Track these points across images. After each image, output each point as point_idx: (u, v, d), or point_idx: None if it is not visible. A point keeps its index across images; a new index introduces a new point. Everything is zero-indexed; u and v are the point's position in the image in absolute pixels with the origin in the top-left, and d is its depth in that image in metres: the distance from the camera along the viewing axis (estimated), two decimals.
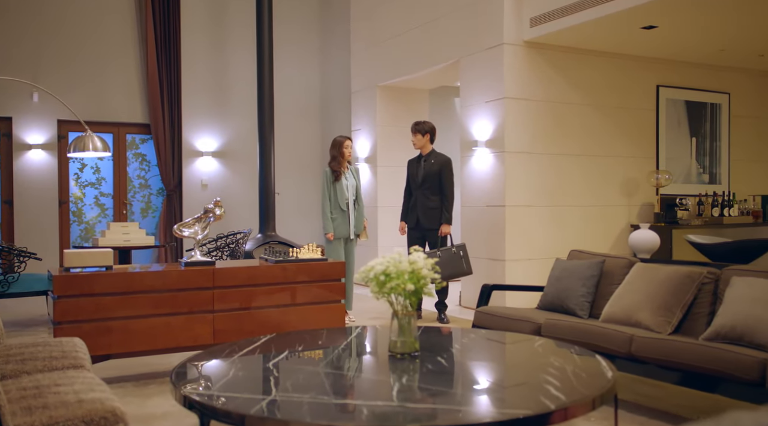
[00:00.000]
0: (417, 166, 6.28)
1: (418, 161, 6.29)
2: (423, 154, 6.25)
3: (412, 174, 6.32)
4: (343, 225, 6.09)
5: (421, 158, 6.25)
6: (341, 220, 6.09)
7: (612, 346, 3.46)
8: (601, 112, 7.12)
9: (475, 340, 3.29)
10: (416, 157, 6.34)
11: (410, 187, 6.34)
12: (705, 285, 3.66)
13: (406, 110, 8.87)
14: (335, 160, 6.13)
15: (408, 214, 6.32)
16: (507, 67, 6.52)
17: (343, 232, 6.09)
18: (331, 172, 6.11)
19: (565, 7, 6.05)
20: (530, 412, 2.10)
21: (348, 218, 6.10)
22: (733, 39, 6.69)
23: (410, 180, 6.34)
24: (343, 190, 6.10)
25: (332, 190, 6.09)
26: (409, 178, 6.36)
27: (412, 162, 6.39)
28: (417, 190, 6.21)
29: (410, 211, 6.29)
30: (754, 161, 8.34)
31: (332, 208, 6.07)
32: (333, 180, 6.10)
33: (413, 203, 6.25)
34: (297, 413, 2.12)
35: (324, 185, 6.14)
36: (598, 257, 4.36)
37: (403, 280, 2.71)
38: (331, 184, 6.10)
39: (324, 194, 6.11)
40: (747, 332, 3.15)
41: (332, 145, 6.21)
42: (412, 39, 7.97)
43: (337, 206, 6.08)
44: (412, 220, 6.25)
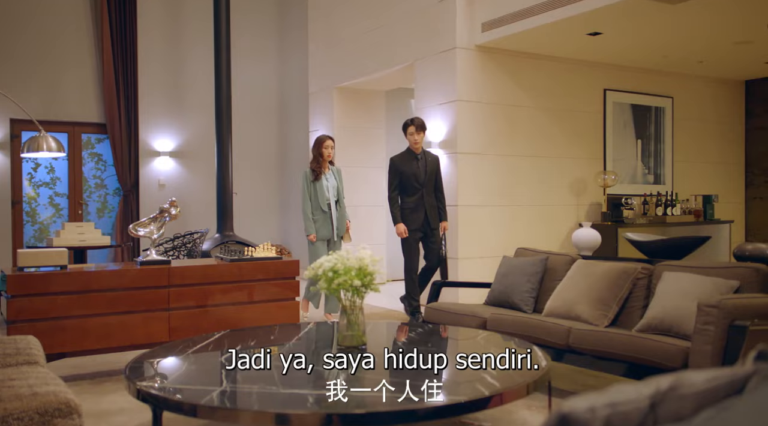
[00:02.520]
0: (415, 164, 5.94)
1: (414, 160, 5.96)
2: (417, 153, 5.97)
3: (410, 173, 5.91)
4: (325, 226, 5.91)
5: (417, 156, 5.97)
6: (323, 221, 5.91)
7: (552, 338, 3.65)
8: (551, 114, 7.35)
9: (422, 333, 3.44)
10: (407, 156, 5.98)
11: (404, 186, 5.93)
12: (639, 280, 3.87)
13: (362, 111, 9.00)
14: (315, 159, 5.97)
15: (410, 214, 5.92)
16: (460, 71, 6.70)
17: (326, 233, 5.91)
18: (311, 171, 5.94)
19: (515, 13, 6.25)
20: (466, 398, 2.26)
21: (330, 219, 5.92)
22: (674, 46, 6.98)
23: (408, 179, 5.91)
24: (324, 190, 5.92)
25: (312, 190, 5.92)
26: (402, 177, 5.92)
27: (404, 161, 5.97)
28: (420, 189, 5.94)
29: (413, 212, 5.92)
30: (696, 162, 8.68)
31: (313, 209, 5.91)
32: (312, 180, 5.92)
33: (417, 203, 5.92)
34: (246, 402, 2.24)
35: (304, 186, 5.96)
36: (542, 254, 4.55)
37: (350, 276, 2.84)
38: (311, 184, 5.93)
39: (305, 195, 5.94)
40: (675, 323, 3.37)
41: (313, 145, 6.05)
42: (368, 41, 8.11)
43: (318, 207, 5.90)
44: (418, 221, 5.92)
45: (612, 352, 3.38)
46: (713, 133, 8.82)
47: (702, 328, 3.04)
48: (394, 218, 5.98)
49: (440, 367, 2.65)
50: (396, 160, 6.03)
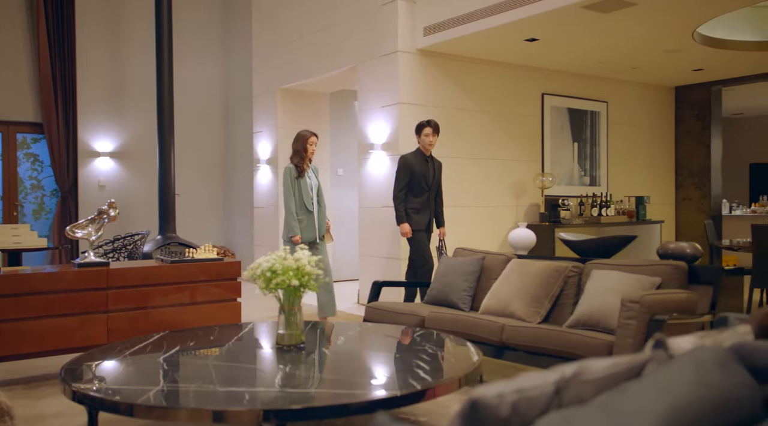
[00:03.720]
0: (425, 166, 5.82)
1: (425, 161, 5.84)
2: (427, 154, 5.86)
3: (421, 174, 5.79)
4: (309, 227, 5.61)
5: (427, 159, 5.86)
6: (308, 221, 5.59)
7: (486, 335, 3.77)
8: (492, 117, 7.53)
9: (360, 332, 3.52)
10: (420, 156, 5.84)
11: (413, 186, 5.78)
12: (570, 278, 4.03)
13: (306, 113, 9.03)
14: (298, 155, 5.59)
15: (415, 215, 5.78)
16: (402, 74, 6.81)
17: (310, 235, 5.61)
18: (294, 168, 5.56)
19: (455, 18, 6.39)
20: (399, 393, 2.34)
21: (314, 220, 5.65)
22: (608, 53, 7.24)
23: (418, 180, 5.78)
24: (308, 189, 5.60)
25: (296, 188, 5.56)
26: (413, 176, 5.77)
27: (415, 161, 5.81)
28: (428, 191, 5.82)
29: (419, 213, 5.78)
30: (629, 165, 9.01)
31: (297, 208, 5.54)
32: (296, 177, 5.56)
33: (423, 205, 5.81)
34: (183, 401, 2.27)
35: (288, 183, 5.54)
36: (479, 254, 4.68)
37: (288, 276, 2.89)
38: (295, 182, 5.55)
39: (288, 193, 5.52)
40: (602, 318, 3.53)
41: (296, 139, 5.68)
42: (312, 43, 8.14)
43: (303, 207, 5.56)
44: (422, 223, 5.80)
45: (543, 347, 3.51)
46: (645, 137, 9.17)
47: (625, 323, 3.20)
48: (399, 218, 5.76)
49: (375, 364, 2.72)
50: (409, 159, 5.82)
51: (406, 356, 3.01)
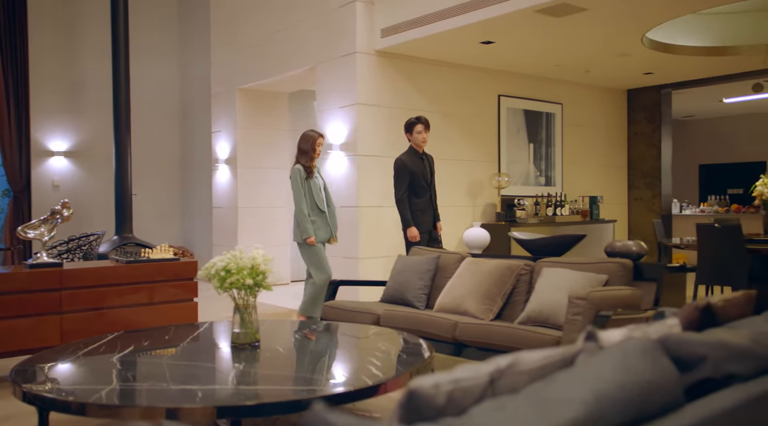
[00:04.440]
0: (422, 165, 5.77)
1: (420, 160, 5.79)
2: (420, 152, 5.81)
3: (419, 173, 5.73)
4: (323, 228, 5.53)
5: (422, 156, 5.82)
6: (321, 222, 5.52)
7: (439, 332, 3.85)
8: (449, 118, 7.63)
9: (316, 330, 3.56)
10: (413, 156, 5.78)
11: (413, 187, 5.71)
12: (522, 276, 4.14)
13: (265, 113, 9.03)
14: (306, 155, 5.51)
15: (420, 216, 5.70)
16: (360, 75, 6.86)
17: (324, 235, 5.53)
18: (303, 169, 5.47)
19: (412, 21, 6.47)
20: (351, 388, 2.39)
21: (326, 219, 5.57)
22: (562, 56, 7.41)
23: (418, 180, 5.72)
24: (318, 189, 5.54)
25: (306, 189, 5.48)
26: (412, 177, 5.70)
27: (412, 161, 5.74)
28: (428, 189, 5.78)
29: (423, 213, 5.72)
30: (584, 165, 9.22)
31: (309, 209, 5.45)
32: (305, 177, 5.46)
33: (426, 204, 5.75)
34: (135, 399, 2.29)
35: (299, 184, 5.44)
36: (434, 253, 4.77)
37: (242, 275, 2.93)
38: (305, 183, 5.46)
39: (300, 194, 5.42)
40: (551, 315, 3.64)
41: (303, 140, 5.58)
42: (271, 43, 8.14)
43: (315, 207, 5.49)
44: (427, 223, 5.75)
45: (494, 343, 3.60)
46: (599, 138, 9.39)
47: (572, 319, 3.31)
48: (406, 221, 5.64)
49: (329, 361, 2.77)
50: (406, 160, 5.74)
51: (359, 353, 3.07)
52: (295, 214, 5.49)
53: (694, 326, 1.87)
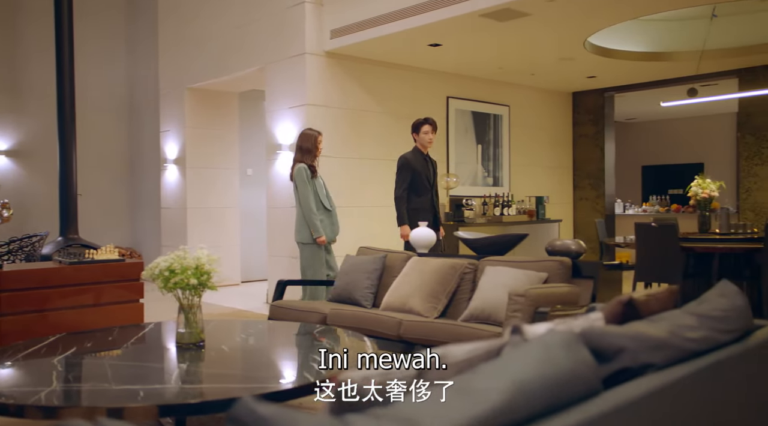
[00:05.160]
0: (425, 165, 5.73)
1: (425, 160, 5.75)
2: (425, 153, 5.76)
3: (423, 173, 5.69)
4: (329, 227, 5.47)
5: (426, 157, 5.76)
6: (328, 220, 5.46)
7: (385, 330, 3.92)
8: (397, 119, 7.71)
9: (261, 329, 3.59)
10: (418, 156, 5.73)
11: (415, 186, 5.67)
12: (466, 274, 4.23)
13: (215, 113, 8.97)
14: (310, 154, 5.42)
15: (419, 216, 5.62)
16: (309, 76, 6.88)
17: (330, 234, 5.48)
18: (308, 167, 5.37)
19: (361, 22, 6.53)
20: (293, 385, 2.44)
21: (332, 218, 5.52)
22: (508, 59, 7.57)
23: (420, 180, 5.68)
24: (322, 188, 5.49)
25: (312, 188, 5.37)
26: (415, 176, 5.66)
27: (416, 160, 5.70)
28: (430, 190, 5.74)
29: (421, 214, 5.64)
30: (530, 166, 9.42)
31: (316, 208, 5.37)
32: (310, 177, 5.37)
33: (427, 205, 5.71)
34: (75, 400, 2.29)
35: (307, 183, 5.32)
36: (381, 252, 4.84)
37: (186, 275, 2.94)
38: (310, 181, 5.36)
39: (307, 193, 5.30)
40: (492, 312, 3.74)
41: (304, 139, 5.47)
42: (220, 43, 8.10)
43: (321, 206, 5.41)
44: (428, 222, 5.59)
45: (437, 340, 3.68)
46: (546, 140, 9.61)
47: (511, 315, 3.42)
48: (400, 219, 5.63)
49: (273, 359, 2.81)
50: (410, 158, 5.71)
51: (303, 351, 3.11)
52: (304, 214, 5.36)
53: (617, 320, 1.97)
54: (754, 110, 8.11)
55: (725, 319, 1.99)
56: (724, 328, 1.95)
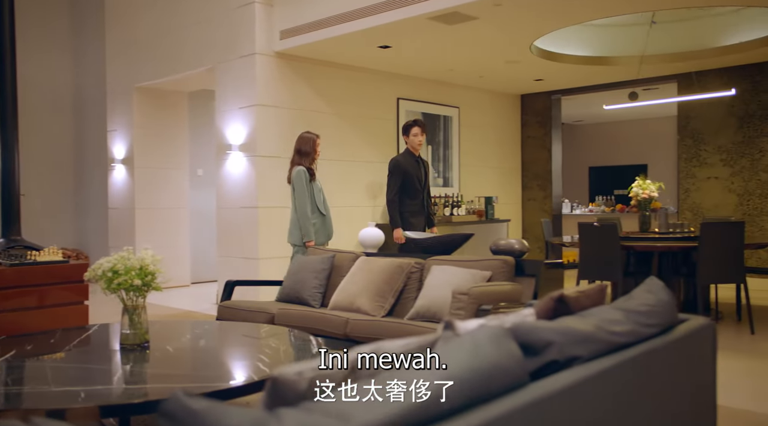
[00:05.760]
0: (417, 167, 5.73)
1: (416, 162, 5.74)
2: (416, 155, 5.76)
3: (414, 175, 5.69)
4: (323, 230, 5.48)
5: (417, 159, 5.76)
6: (321, 224, 5.47)
7: (332, 329, 3.96)
8: (348, 120, 7.76)
9: (208, 330, 3.60)
10: (410, 158, 5.73)
11: (407, 189, 5.67)
12: (413, 273, 4.30)
13: (164, 112, 8.86)
14: (308, 157, 5.42)
15: (411, 218, 5.67)
16: (259, 76, 6.87)
17: (322, 239, 5.47)
18: (306, 170, 5.38)
19: (311, 23, 6.55)
20: (236, 384, 2.46)
21: (327, 223, 5.53)
22: (457, 61, 7.68)
23: (412, 182, 5.68)
24: (319, 192, 5.52)
25: (309, 191, 5.39)
26: (406, 179, 5.66)
27: (407, 162, 5.70)
28: (422, 192, 5.73)
29: (414, 216, 5.68)
30: (480, 167, 9.57)
31: (311, 212, 5.39)
32: (309, 180, 5.38)
33: (419, 207, 5.71)
34: (13, 402, 2.27)
35: (305, 186, 5.34)
36: (329, 252, 4.87)
37: (130, 276, 2.93)
38: (309, 185, 5.38)
39: (304, 196, 5.32)
40: (438, 310, 3.82)
41: (302, 142, 5.48)
42: (170, 41, 8.01)
43: (316, 210, 5.43)
44: (419, 226, 5.70)
45: (384, 339, 3.74)
46: (495, 141, 9.78)
47: (455, 313, 3.50)
48: (394, 222, 5.59)
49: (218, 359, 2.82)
50: (400, 161, 5.70)
51: (249, 351, 3.13)
52: (298, 216, 5.37)
53: (548, 315, 2.06)
54: (693, 114, 8.42)
55: (650, 313, 2.10)
56: (648, 322, 2.05)
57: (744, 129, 8.03)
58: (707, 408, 2.24)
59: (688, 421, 2.17)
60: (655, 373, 1.91)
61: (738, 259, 5.35)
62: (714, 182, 8.26)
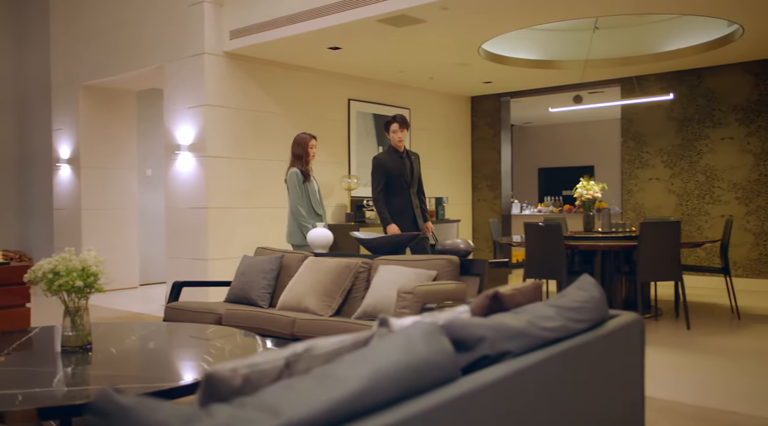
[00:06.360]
0: (401, 163, 5.63)
1: (399, 158, 5.64)
2: (400, 151, 5.67)
3: (398, 172, 5.61)
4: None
5: (402, 155, 5.67)
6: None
7: (279, 329, 3.98)
8: (299, 121, 7.76)
9: (153, 331, 3.58)
10: (393, 154, 5.66)
11: (391, 186, 5.61)
12: (361, 273, 4.35)
13: (111, 111, 8.72)
14: (301, 159, 5.52)
15: (396, 216, 5.58)
16: (208, 76, 6.83)
17: None
18: (300, 172, 5.47)
19: (260, 24, 6.54)
20: (177, 384, 2.47)
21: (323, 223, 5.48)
22: (407, 63, 7.76)
23: (395, 179, 5.60)
24: (315, 193, 5.56)
25: (304, 192, 5.49)
26: (390, 176, 5.59)
27: (389, 160, 5.63)
28: (408, 189, 5.63)
29: (401, 214, 5.60)
30: (431, 168, 9.66)
31: (307, 214, 5.46)
32: (303, 181, 5.46)
33: (405, 205, 5.63)
34: None
35: (297, 187, 5.44)
36: (278, 253, 4.89)
37: (72, 277, 2.90)
38: (302, 186, 5.47)
39: (298, 198, 5.44)
40: (384, 309, 3.87)
41: (296, 144, 5.57)
42: (117, 39, 7.89)
43: (312, 212, 5.50)
44: (406, 224, 5.61)
45: None
46: (445, 142, 9.90)
47: (400, 312, 3.55)
48: (384, 220, 5.55)
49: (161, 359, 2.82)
50: (381, 159, 5.64)
51: (194, 351, 3.13)
52: (295, 217, 5.46)
53: (482, 312, 2.13)
54: (635, 117, 8.68)
55: (581, 309, 2.19)
56: (579, 318, 2.14)
57: (683, 132, 8.32)
58: (636, 399, 2.35)
59: (617, 412, 2.26)
60: (584, 367, 1.99)
61: (675, 258, 5.55)
62: (655, 183, 8.53)
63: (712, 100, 8.10)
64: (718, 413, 3.46)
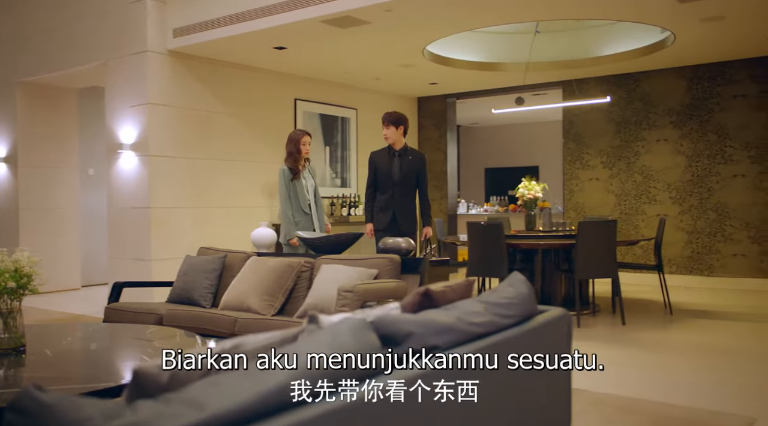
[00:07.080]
0: (389, 161, 5.53)
1: (390, 156, 5.55)
2: (396, 149, 5.55)
3: (384, 170, 5.53)
4: (307, 228, 5.60)
5: (394, 153, 5.56)
6: (305, 223, 5.64)
7: (220, 328, 3.99)
8: (245, 120, 7.73)
9: (91, 332, 3.54)
10: (383, 153, 5.59)
11: (379, 183, 5.55)
12: (303, 272, 4.38)
13: (52, 109, 8.53)
14: (292, 156, 5.66)
15: (378, 213, 5.51)
16: (151, 74, 6.75)
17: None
18: (289, 170, 5.60)
19: (204, 22, 6.49)
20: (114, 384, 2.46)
21: (312, 221, 5.69)
22: (352, 64, 7.81)
23: (381, 177, 5.53)
24: (304, 190, 5.65)
25: (291, 190, 5.62)
26: (376, 174, 5.55)
27: (379, 156, 5.59)
28: (392, 188, 5.52)
29: (381, 211, 5.52)
30: None
31: (294, 210, 5.62)
32: (291, 179, 5.59)
33: (387, 203, 5.53)
34: None
35: (283, 185, 5.60)
36: (221, 253, 4.88)
37: (4, 278, 2.86)
38: (290, 183, 5.61)
39: (285, 196, 5.59)
40: (325, 308, 3.91)
41: (288, 141, 5.71)
42: (57, 35, 7.72)
43: (299, 208, 5.64)
44: (383, 222, 5.52)
45: None
46: None
47: (339, 310, 3.60)
48: (366, 217, 5.61)
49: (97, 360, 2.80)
50: (373, 155, 5.65)
51: (131, 352, 3.12)
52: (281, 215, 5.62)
53: (413, 309, 2.19)
54: (576, 119, 8.92)
55: (509, 305, 2.27)
56: (506, 314, 2.22)
57: (621, 134, 8.59)
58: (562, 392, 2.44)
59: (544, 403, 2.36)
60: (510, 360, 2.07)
61: (611, 256, 5.74)
62: (595, 183, 8.78)
63: (648, 103, 8.39)
64: (650, 405, 3.61)
